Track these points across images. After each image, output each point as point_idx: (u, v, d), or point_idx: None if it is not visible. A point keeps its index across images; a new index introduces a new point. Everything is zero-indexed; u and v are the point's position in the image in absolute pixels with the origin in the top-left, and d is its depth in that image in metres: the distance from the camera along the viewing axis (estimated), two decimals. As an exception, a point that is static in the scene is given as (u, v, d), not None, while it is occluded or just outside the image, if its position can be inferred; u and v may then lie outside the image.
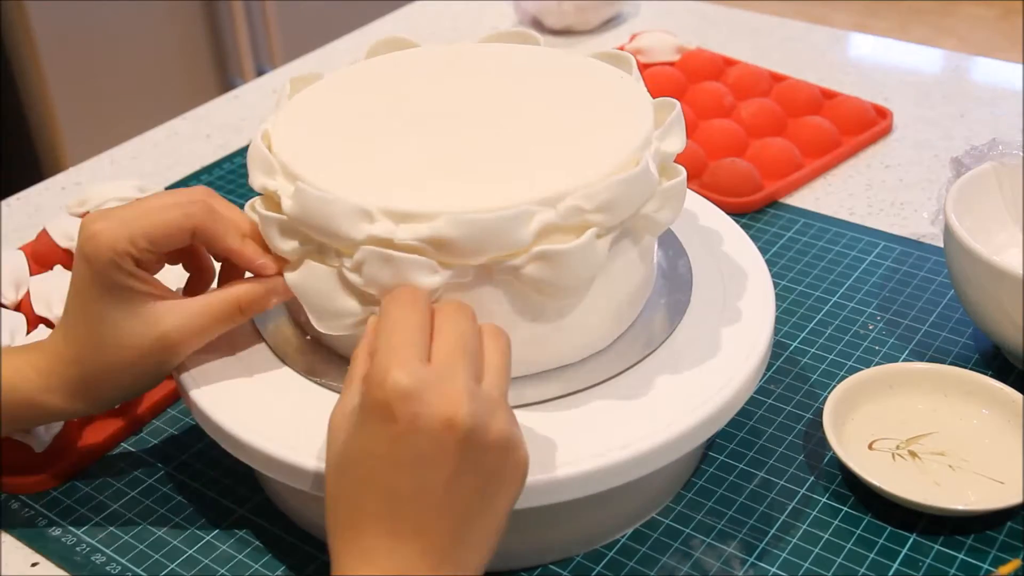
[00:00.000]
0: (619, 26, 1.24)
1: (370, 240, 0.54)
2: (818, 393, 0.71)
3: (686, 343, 0.62)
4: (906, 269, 0.82)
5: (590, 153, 0.58)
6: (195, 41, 2.04)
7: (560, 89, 0.64)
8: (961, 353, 0.74)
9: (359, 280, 0.54)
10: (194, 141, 1.06)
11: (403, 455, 0.47)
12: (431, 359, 0.49)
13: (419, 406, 0.46)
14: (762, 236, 0.86)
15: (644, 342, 0.61)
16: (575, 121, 0.61)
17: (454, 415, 0.46)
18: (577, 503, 0.55)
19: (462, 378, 0.48)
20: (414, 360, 0.47)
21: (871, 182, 0.93)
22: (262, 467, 0.57)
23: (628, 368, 0.60)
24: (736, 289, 0.65)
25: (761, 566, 0.60)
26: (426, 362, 0.48)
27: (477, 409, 0.47)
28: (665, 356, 0.61)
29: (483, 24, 1.26)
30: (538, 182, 0.55)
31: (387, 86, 0.65)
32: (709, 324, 0.63)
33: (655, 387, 0.59)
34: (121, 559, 0.62)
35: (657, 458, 0.56)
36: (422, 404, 0.46)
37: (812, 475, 0.65)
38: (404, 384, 0.46)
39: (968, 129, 1.01)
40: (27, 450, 0.65)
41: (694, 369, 0.60)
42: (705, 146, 0.95)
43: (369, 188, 0.55)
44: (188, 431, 0.70)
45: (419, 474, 0.47)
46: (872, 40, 1.24)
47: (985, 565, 0.59)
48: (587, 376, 0.59)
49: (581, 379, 0.59)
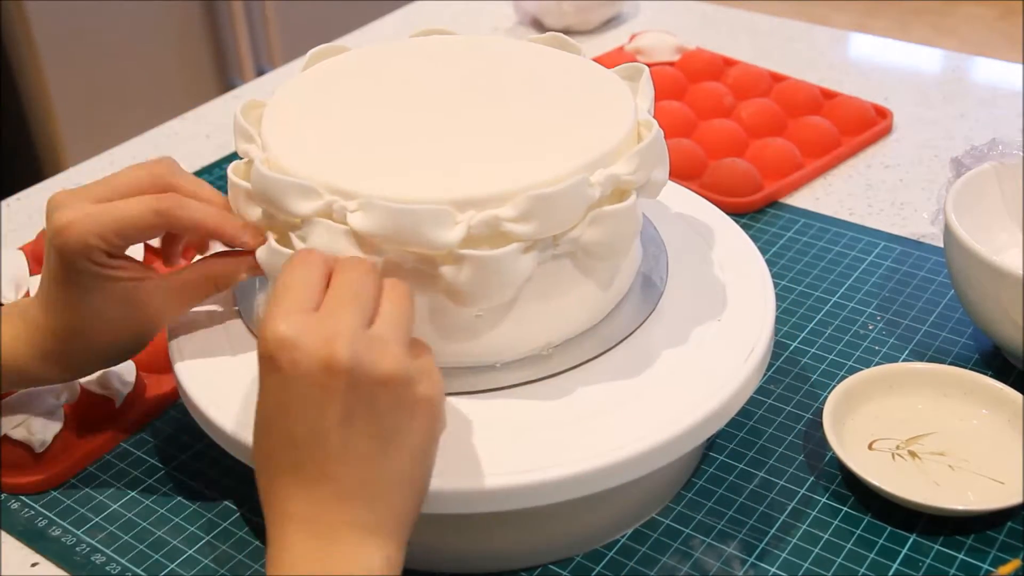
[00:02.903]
0: (619, 26, 1.24)
1: (315, 213, 0.55)
2: (818, 393, 0.71)
3: (686, 343, 0.61)
4: (906, 269, 0.82)
5: (542, 159, 0.57)
6: (195, 41, 2.04)
7: (552, 90, 0.64)
8: (961, 353, 0.74)
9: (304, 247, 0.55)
10: (194, 141, 1.06)
11: (291, 401, 0.47)
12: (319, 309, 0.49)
13: (296, 351, 0.46)
14: (762, 236, 0.86)
15: (644, 342, 0.61)
16: (548, 121, 0.61)
17: (331, 354, 0.46)
18: (577, 503, 0.55)
19: (345, 321, 0.47)
20: (295, 311, 0.48)
21: (871, 182, 0.93)
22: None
23: (628, 368, 0.60)
24: (736, 289, 0.65)
25: (761, 566, 0.60)
26: (312, 312, 0.48)
27: (360, 348, 0.47)
28: (665, 356, 0.61)
29: (483, 24, 1.26)
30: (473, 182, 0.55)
31: (394, 70, 0.66)
32: (709, 324, 0.63)
33: (655, 387, 0.59)
34: (121, 559, 0.62)
35: (657, 458, 0.56)
36: (299, 349, 0.46)
37: (812, 475, 0.65)
38: (282, 332, 0.47)
39: (968, 129, 1.01)
40: (27, 450, 0.65)
41: (694, 369, 0.60)
42: (705, 146, 0.95)
43: (321, 166, 0.56)
44: (188, 431, 0.70)
45: (310, 418, 0.47)
46: (872, 40, 1.23)
47: (985, 565, 0.59)
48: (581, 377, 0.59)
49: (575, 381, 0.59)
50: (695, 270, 0.67)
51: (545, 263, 0.57)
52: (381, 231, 0.53)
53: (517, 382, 0.58)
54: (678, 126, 0.98)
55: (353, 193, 0.54)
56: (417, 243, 0.53)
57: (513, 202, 0.53)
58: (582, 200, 0.55)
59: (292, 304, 0.48)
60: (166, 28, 1.98)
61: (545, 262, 0.56)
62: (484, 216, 0.53)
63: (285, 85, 0.65)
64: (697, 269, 0.67)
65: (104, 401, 0.69)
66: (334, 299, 0.49)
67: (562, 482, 0.54)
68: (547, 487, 0.54)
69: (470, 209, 0.54)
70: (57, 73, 1.81)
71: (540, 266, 0.56)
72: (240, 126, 0.61)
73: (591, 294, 0.60)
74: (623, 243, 0.58)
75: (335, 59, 0.67)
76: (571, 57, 0.67)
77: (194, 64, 2.06)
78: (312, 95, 0.64)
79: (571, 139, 0.59)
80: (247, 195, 0.58)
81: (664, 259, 0.67)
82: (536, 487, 0.54)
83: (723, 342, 0.61)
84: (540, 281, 0.57)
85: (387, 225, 0.53)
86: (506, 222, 0.54)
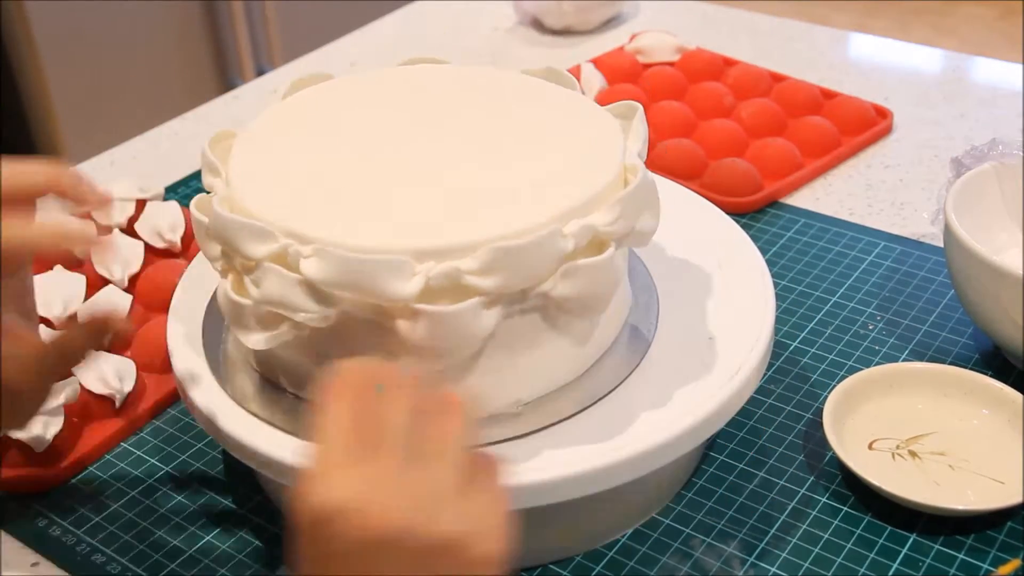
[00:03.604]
0: (619, 26, 1.24)
1: (269, 257, 0.52)
2: (818, 393, 0.71)
3: (686, 343, 0.61)
4: (906, 269, 0.82)
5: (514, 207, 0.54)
6: (195, 41, 2.04)
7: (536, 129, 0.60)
8: (961, 353, 0.74)
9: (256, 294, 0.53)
10: (194, 141, 1.05)
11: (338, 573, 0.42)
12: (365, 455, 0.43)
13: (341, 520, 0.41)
14: (762, 236, 0.86)
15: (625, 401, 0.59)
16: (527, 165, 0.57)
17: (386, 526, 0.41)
18: (577, 503, 0.55)
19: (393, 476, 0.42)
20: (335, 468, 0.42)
21: (871, 182, 0.93)
22: (261, 467, 0.57)
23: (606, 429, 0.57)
24: (736, 289, 0.65)
25: (761, 566, 0.60)
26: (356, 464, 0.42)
27: (414, 512, 0.41)
28: (665, 356, 0.61)
29: (483, 24, 1.26)
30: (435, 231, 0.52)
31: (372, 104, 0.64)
32: (709, 324, 0.63)
33: (655, 387, 0.59)
34: (121, 559, 0.62)
35: (657, 458, 0.56)
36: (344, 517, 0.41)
37: (812, 475, 0.65)
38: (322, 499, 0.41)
39: (968, 129, 1.01)
40: (27, 450, 0.65)
41: (694, 369, 0.60)
42: (705, 146, 0.95)
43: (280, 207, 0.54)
44: (188, 431, 0.70)
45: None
46: (872, 40, 1.23)
47: (985, 565, 0.59)
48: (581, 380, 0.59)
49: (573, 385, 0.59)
50: (695, 270, 0.67)
51: (512, 318, 0.53)
52: (335, 280, 0.50)
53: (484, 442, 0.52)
54: (678, 126, 0.98)
55: (309, 238, 0.51)
56: (372, 294, 0.50)
57: (475, 254, 0.50)
58: (553, 253, 0.52)
59: (330, 458, 0.42)
60: (166, 28, 1.98)
61: (512, 316, 0.53)
62: (444, 268, 0.50)
63: (260, 116, 0.62)
64: (696, 269, 0.67)
65: (104, 401, 0.69)
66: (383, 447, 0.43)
67: (562, 482, 0.54)
68: (547, 487, 0.54)
69: (429, 260, 0.51)
70: (57, 73, 1.81)
71: (507, 321, 0.53)
72: (207, 159, 0.58)
73: (565, 350, 0.57)
74: (600, 298, 0.55)
75: (314, 88, 0.65)
76: (563, 92, 0.64)
77: (194, 64, 2.06)
78: (285, 128, 0.62)
79: (549, 185, 0.55)
80: (206, 232, 0.55)
81: (655, 307, 0.64)
82: (536, 487, 0.54)
83: (723, 342, 0.61)
84: (507, 336, 0.54)
85: (341, 274, 0.50)
86: (467, 275, 0.50)
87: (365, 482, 0.42)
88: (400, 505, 0.41)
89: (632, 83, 1.07)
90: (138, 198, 0.87)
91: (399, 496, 0.42)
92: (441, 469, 0.43)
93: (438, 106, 0.63)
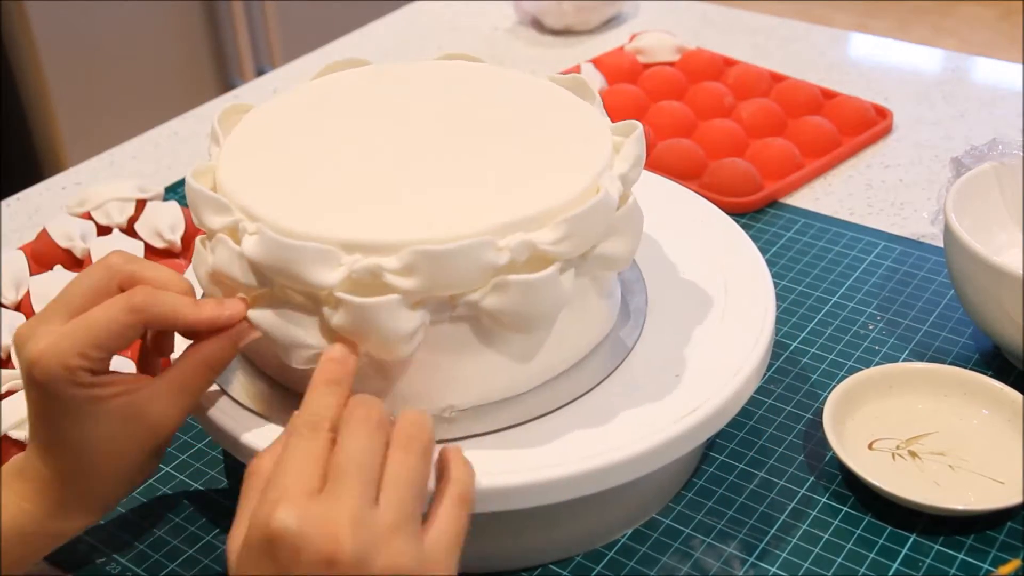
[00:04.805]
0: (619, 26, 1.24)
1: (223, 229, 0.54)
2: (818, 393, 0.71)
3: (686, 343, 0.61)
4: (906, 269, 0.82)
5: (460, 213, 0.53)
6: (195, 41, 2.04)
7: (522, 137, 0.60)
8: (961, 353, 0.74)
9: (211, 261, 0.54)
10: (194, 141, 1.06)
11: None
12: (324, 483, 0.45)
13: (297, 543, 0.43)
14: (762, 236, 0.86)
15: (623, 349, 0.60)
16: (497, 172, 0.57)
17: (334, 551, 0.43)
18: (577, 503, 0.55)
19: (350, 505, 0.44)
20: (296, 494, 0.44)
21: (871, 182, 0.93)
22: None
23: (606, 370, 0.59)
24: (736, 289, 0.65)
25: (761, 566, 0.60)
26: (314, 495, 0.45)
27: (364, 540, 0.44)
28: (665, 356, 0.61)
29: (483, 24, 1.26)
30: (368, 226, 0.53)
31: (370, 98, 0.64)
32: (709, 324, 0.63)
33: (655, 387, 0.59)
34: (121, 559, 0.62)
35: (657, 458, 0.56)
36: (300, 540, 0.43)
37: (812, 475, 0.65)
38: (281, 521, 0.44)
39: (968, 129, 1.01)
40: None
41: (694, 369, 0.60)
42: (705, 146, 0.95)
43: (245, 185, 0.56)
44: (188, 431, 0.70)
45: None
46: (872, 40, 1.23)
47: (985, 565, 0.59)
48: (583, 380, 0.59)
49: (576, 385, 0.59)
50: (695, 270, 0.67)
51: (442, 323, 0.54)
52: (267, 262, 0.51)
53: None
54: (678, 126, 0.98)
55: (256, 217, 0.53)
56: (298, 279, 0.51)
57: (399, 254, 0.51)
58: (480, 263, 0.51)
59: (292, 484, 0.45)
60: (166, 28, 1.98)
61: (442, 322, 0.54)
62: (367, 263, 0.51)
63: (279, 95, 0.63)
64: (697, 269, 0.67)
65: (104, 401, 0.69)
66: (338, 476, 0.45)
67: (562, 482, 0.54)
68: (547, 487, 0.54)
69: (357, 253, 0.52)
70: (57, 73, 1.81)
71: (436, 325, 0.54)
72: (213, 129, 0.61)
73: (502, 364, 0.56)
74: (537, 317, 0.54)
75: (340, 74, 0.66)
76: (577, 105, 0.62)
77: (194, 64, 2.06)
78: (292, 110, 0.63)
79: (508, 195, 0.55)
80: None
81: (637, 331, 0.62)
82: (536, 487, 0.54)
83: (723, 342, 0.61)
84: (436, 341, 0.54)
85: (273, 257, 0.51)
86: (388, 273, 0.51)
87: (324, 508, 0.44)
88: (355, 534, 0.43)
89: (632, 83, 1.07)
90: (138, 198, 0.87)
91: (356, 525, 0.44)
92: (393, 498, 0.46)
93: (445, 104, 0.63)
